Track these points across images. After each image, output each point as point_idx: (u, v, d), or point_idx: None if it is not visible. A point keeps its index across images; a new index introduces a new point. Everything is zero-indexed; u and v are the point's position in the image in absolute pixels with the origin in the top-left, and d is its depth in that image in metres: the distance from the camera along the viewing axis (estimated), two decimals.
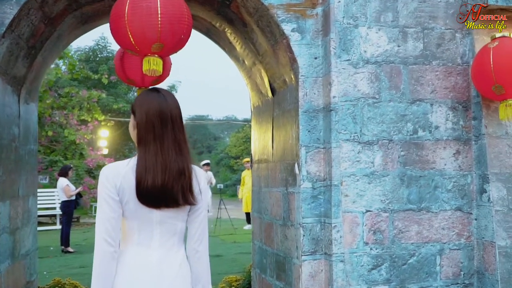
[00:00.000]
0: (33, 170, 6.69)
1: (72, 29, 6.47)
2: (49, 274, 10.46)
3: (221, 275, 9.22)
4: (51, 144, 22.13)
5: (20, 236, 5.94)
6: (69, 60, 23.83)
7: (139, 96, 3.06)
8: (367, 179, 5.13)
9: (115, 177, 2.84)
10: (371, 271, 5.08)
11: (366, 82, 5.18)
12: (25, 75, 5.90)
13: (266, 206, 6.45)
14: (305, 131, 5.24)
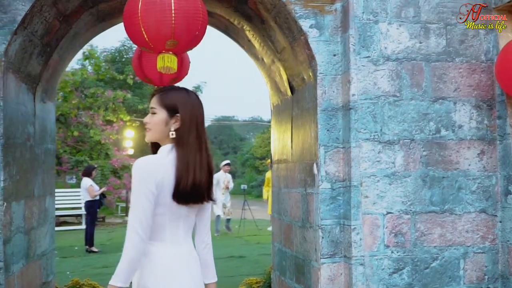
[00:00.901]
0: (50, 169, 6.63)
1: (89, 27, 6.40)
2: (72, 274, 10.45)
3: (243, 276, 9.13)
4: (77, 144, 22.19)
5: (35, 236, 5.88)
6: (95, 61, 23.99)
7: (179, 93, 3.11)
8: (387, 179, 4.97)
9: (156, 172, 2.87)
10: (392, 275, 4.91)
11: (386, 80, 5.02)
12: (40, 73, 5.83)
13: (286, 207, 6.31)
14: (323, 130, 5.10)
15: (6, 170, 4.84)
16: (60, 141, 20.98)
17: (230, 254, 12.90)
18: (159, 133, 3.05)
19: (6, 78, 4.85)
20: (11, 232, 4.98)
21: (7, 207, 4.86)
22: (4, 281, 4.70)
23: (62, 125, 21.61)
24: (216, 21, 6.75)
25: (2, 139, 4.75)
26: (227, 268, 11.16)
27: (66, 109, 21.44)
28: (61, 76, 6.94)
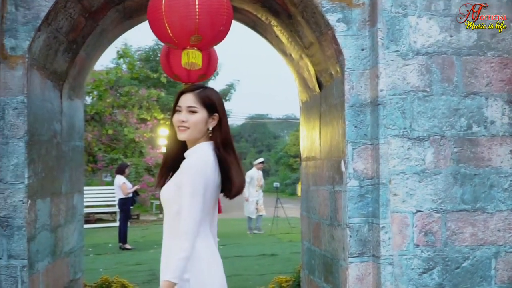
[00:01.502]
0: (78, 167, 6.62)
1: (116, 24, 6.37)
2: (105, 271, 10.51)
3: (274, 274, 9.08)
4: (111, 142, 22.35)
5: (63, 233, 5.87)
6: (129, 60, 24.14)
7: (214, 92, 3.23)
8: (417, 177, 4.83)
9: (209, 171, 3.02)
10: (422, 275, 4.78)
11: (416, 74, 4.87)
12: (67, 71, 5.81)
13: (314, 205, 6.21)
14: (351, 127, 4.98)
15: (31, 167, 4.82)
16: (95, 139, 21.18)
17: (261, 252, 12.86)
18: (198, 132, 3.11)
19: (30, 74, 4.83)
20: (35, 230, 4.96)
21: (32, 204, 4.85)
22: (28, 279, 4.68)
23: (97, 123, 21.82)
24: (244, 17, 6.67)
25: (26, 136, 4.73)
26: (258, 266, 11.12)
27: (100, 108, 21.64)
28: (89, 74, 6.93)
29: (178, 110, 3.15)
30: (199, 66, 4.92)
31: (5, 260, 4.66)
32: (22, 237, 4.68)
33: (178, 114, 3.14)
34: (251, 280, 9.50)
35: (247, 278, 9.84)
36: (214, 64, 6.82)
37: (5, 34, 4.76)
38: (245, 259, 12.00)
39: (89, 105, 21.78)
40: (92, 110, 21.40)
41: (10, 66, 4.75)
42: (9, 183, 4.69)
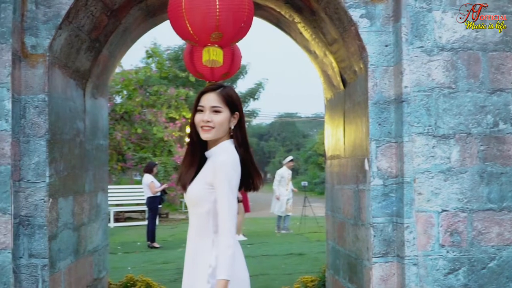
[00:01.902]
0: (103, 165, 6.62)
1: (139, 22, 6.36)
2: (133, 269, 10.58)
3: (302, 274, 9.01)
4: (140, 141, 22.45)
5: (86, 232, 5.86)
6: (158, 59, 24.22)
7: (234, 91, 3.24)
8: (442, 176, 4.71)
9: (239, 169, 3.09)
10: (447, 276, 4.66)
11: (441, 71, 4.75)
12: (90, 69, 5.81)
13: (339, 204, 6.12)
14: (375, 124, 4.88)
15: (52, 166, 4.82)
16: (124, 138, 21.29)
17: (289, 251, 12.78)
18: (222, 132, 3.13)
19: (52, 73, 4.83)
20: (57, 229, 4.96)
21: (53, 203, 4.84)
22: (49, 278, 4.68)
23: (126, 122, 21.93)
24: (267, 14, 6.61)
25: (47, 135, 4.72)
26: (286, 265, 11.05)
27: (130, 107, 21.74)
28: (113, 72, 6.92)
29: (201, 110, 3.14)
30: (220, 63, 4.87)
31: (26, 259, 4.66)
32: (43, 236, 4.68)
33: (201, 114, 3.13)
34: (277, 280, 9.43)
35: (273, 277, 9.78)
36: (238, 62, 6.76)
37: (25, 33, 4.76)
38: (272, 258, 11.94)
39: (118, 105, 21.90)
40: (122, 109, 21.51)
41: (31, 65, 4.75)
42: (30, 182, 4.69)
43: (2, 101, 4.48)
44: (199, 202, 3.07)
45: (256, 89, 30.40)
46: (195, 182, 3.12)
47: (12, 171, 4.50)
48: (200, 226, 3.08)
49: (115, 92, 22.50)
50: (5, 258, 4.44)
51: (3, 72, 4.48)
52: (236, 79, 30.47)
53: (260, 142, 54.47)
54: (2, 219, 4.45)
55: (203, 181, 3.08)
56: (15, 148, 4.57)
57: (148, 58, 24.60)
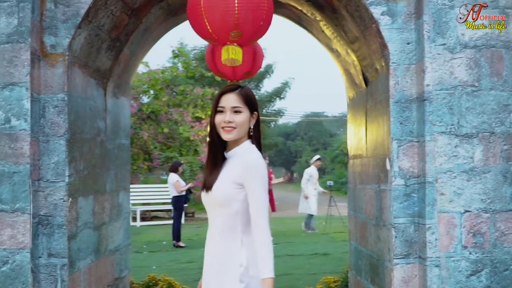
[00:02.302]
0: (124, 165, 6.61)
1: (160, 22, 6.34)
2: (158, 269, 10.60)
3: (326, 274, 8.95)
4: (167, 140, 22.51)
5: (107, 231, 5.86)
6: (184, 59, 24.28)
7: (251, 91, 3.24)
8: (465, 176, 4.61)
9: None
10: (469, 277, 4.56)
11: (464, 69, 4.65)
12: (111, 68, 5.81)
13: (361, 204, 6.05)
14: (396, 123, 4.80)
15: (72, 166, 4.82)
16: (150, 138, 21.36)
17: (314, 251, 12.72)
18: (243, 132, 3.14)
19: (71, 72, 4.83)
20: (77, 228, 4.96)
21: (73, 202, 4.85)
22: (68, 278, 4.68)
23: (152, 122, 22.02)
24: (289, 12, 6.55)
25: (67, 134, 4.73)
26: (310, 265, 11.00)
27: (156, 107, 21.82)
28: (134, 72, 6.92)
29: (221, 111, 3.13)
30: (239, 62, 4.83)
31: (45, 258, 4.67)
32: (62, 236, 4.68)
33: (221, 114, 3.12)
34: (301, 280, 9.39)
35: (297, 277, 9.73)
36: (259, 61, 6.72)
37: (44, 32, 4.77)
38: (297, 258, 11.89)
39: (145, 104, 22.00)
40: (148, 109, 21.60)
41: (50, 64, 4.76)
42: (49, 181, 4.70)
43: (21, 100, 4.49)
44: (227, 202, 3.06)
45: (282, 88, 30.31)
46: (221, 183, 3.10)
47: (31, 171, 4.51)
48: (227, 226, 3.07)
49: (142, 91, 22.61)
50: (23, 257, 4.46)
51: (21, 71, 4.50)
52: (262, 78, 30.43)
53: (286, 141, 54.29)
54: (21, 218, 4.46)
55: (229, 180, 3.07)
56: (34, 148, 4.58)
57: (174, 58, 24.67)
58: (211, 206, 3.15)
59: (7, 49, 4.53)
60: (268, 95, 30.71)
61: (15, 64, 4.52)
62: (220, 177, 3.11)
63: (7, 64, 4.52)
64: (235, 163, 3.09)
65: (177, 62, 25.23)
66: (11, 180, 4.48)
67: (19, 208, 4.46)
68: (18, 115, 4.49)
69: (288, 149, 54.76)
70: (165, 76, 23.03)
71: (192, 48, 26.77)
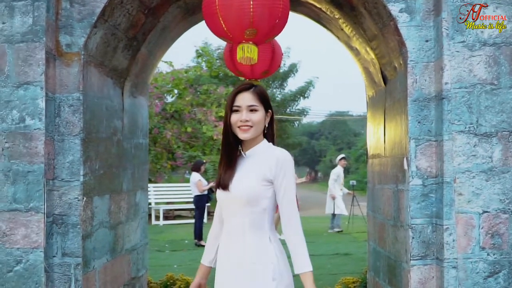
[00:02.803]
0: (142, 164, 6.60)
1: (178, 21, 6.32)
2: (179, 268, 10.59)
3: (346, 274, 8.87)
4: (190, 140, 22.54)
5: (124, 230, 5.85)
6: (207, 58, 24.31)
7: (266, 91, 3.23)
8: (484, 175, 4.52)
9: None
10: (487, 279, 4.47)
11: (483, 66, 4.55)
12: (128, 68, 5.79)
13: (379, 205, 5.98)
14: (414, 122, 4.72)
15: (87, 165, 4.81)
16: (174, 137, 21.41)
17: (335, 251, 12.63)
18: (260, 130, 3.15)
19: (87, 71, 4.82)
20: (92, 227, 4.95)
21: (88, 202, 4.84)
22: (82, 277, 4.67)
23: (176, 121, 22.07)
24: (308, 10, 6.49)
25: (82, 133, 4.72)
26: (331, 265, 10.92)
27: (180, 106, 21.87)
28: (153, 71, 6.90)
29: (237, 110, 3.13)
30: (255, 60, 4.78)
31: (59, 258, 4.66)
32: (77, 235, 4.68)
33: (237, 114, 3.13)
34: (321, 280, 9.29)
35: (318, 277, 9.56)
36: (278, 60, 6.68)
37: (60, 31, 4.76)
38: (318, 258, 11.78)
39: (168, 104, 22.06)
40: (172, 108, 21.64)
41: (66, 63, 4.75)
42: (64, 181, 4.70)
43: (36, 99, 4.50)
44: (256, 200, 3.06)
45: (306, 87, 30.17)
46: (247, 181, 3.09)
47: (46, 170, 4.51)
48: (256, 224, 3.08)
49: (166, 91, 22.68)
50: (37, 257, 4.46)
51: (36, 70, 4.51)
52: (286, 77, 30.31)
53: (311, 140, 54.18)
54: (35, 217, 4.47)
55: (257, 178, 3.07)
56: (49, 147, 4.58)
57: (197, 57, 24.71)
58: (234, 204, 3.13)
59: (22, 48, 4.53)
60: (292, 94, 30.58)
61: (30, 63, 4.52)
62: (244, 176, 3.11)
63: (22, 63, 4.52)
64: (261, 161, 3.10)
65: (201, 62, 25.28)
66: (25, 180, 4.49)
67: (33, 208, 4.46)
68: (32, 114, 4.50)
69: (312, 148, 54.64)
70: (189, 75, 23.07)
71: (216, 47, 26.76)
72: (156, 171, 21.57)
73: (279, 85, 30.90)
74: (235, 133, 3.14)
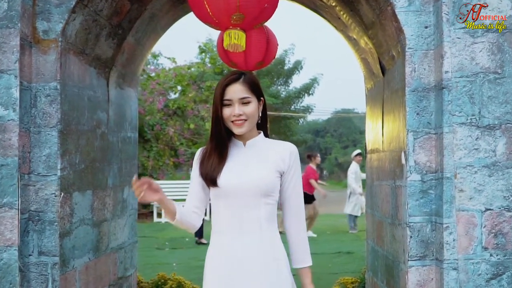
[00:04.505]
0: (130, 159, 6.32)
1: (167, 9, 6.04)
2: (178, 266, 10.43)
3: (348, 274, 8.66)
4: (193, 136, 22.37)
5: (109, 228, 5.58)
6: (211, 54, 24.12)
7: (255, 77, 3.09)
8: (487, 171, 4.22)
9: None
10: (489, 281, 4.16)
11: (486, 54, 4.25)
12: (113, 57, 5.52)
13: (377, 202, 5.70)
14: (413, 114, 4.43)
15: (65, 159, 4.54)
16: (176, 134, 21.24)
17: (338, 249, 12.39)
18: (255, 121, 3.02)
19: (65, 59, 4.56)
20: (71, 225, 4.68)
21: (67, 197, 4.57)
22: (60, 277, 4.40)
23: (179, 118, 21.90)
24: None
25: (59, 125, 4.45)
26: (332, 264, 10.68)
27: (183, 103, 21.69)
28: (142, 62, 6.62)
29: (228, 104, 2.94)
30: (242, 48, 4.51)
31: (36, 256, 4.39)
32: (54, 233, 4.40)
33: (229, 108, 2.95)
34: (322, 279, 9.06)
35: (319, 276, 9.37)
36: (273, 50, 6.39)
37: (37, 17, 4.49)
38: (320, 256, 11.53)
39: (171, 100, 21.87)
40: (174, 105, 21.44)
41: (43, 51, 4.48)
42: (40, 175, 4.43)
43: (10, 89, 4.22)
44: (271, 191, 2.97)
45: (310, 84, 29.93)
46: (264, 171, 2.97)
47: (20, 163, 4.24)
48: (268, 217, 2.99)
49: (169, 88, 22.48)
50: (11, 255, 4.18)
51: (10, 58, 4.24)
52: (291, 74, 30.09)
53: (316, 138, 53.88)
54: (8, 214, 4.19)
55: (271, 169, 2.98)
56: (24, 139, 4.31)
57: (200, 53, 24.51)
58: (248, 196, 2.97)
59: None
60: (296, 91, 30.34)
61: (3, 50, 4.24)
62: (254, 167, 2.98)
63: None
64: (269, 152, 3.02)
65: (204, 58, 25.08)
66: None
67: (6, 203, 4.18)
68: (6, 104, 4.22)
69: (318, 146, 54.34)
70: (192, 72, 22.87)
71: None
72: (159, 168, 21.42)
73: (284, 82, 30.71)
74: (229, 128, 2.98)
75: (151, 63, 25.38)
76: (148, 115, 20.13)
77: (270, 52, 6.28)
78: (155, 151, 20.45)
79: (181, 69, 22.77)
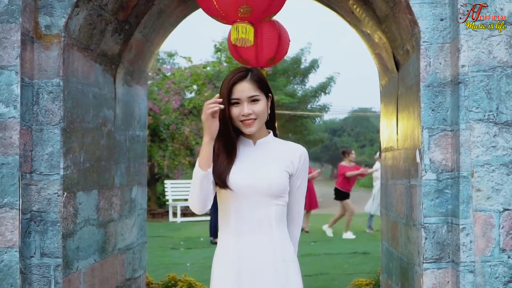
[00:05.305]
0: (139, 158, 6.19)
1: (176, 5, 5.91)
2: (192, 266, 10.33)
3: (363, 274, 8.53)
4: None
5: (116, 229, 5.45)
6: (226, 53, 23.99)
7: (261, 73, 3.02)
8: (505, 169, 4.03)
9: None
10: (507, 285, 3.96)
11: (504, 47, 4.06)
12: (120, 54, 5.39)
13: (392, 202, 5.52)
14: (428, 110, 4.25)
15: (69, 157, 4.41)
16: (192, 133, 21.16)
17: (353, 250, 12.20)
18: (264, 120, 2.97)
19: (69, 55, 4.42)
20: (75, 225, 4.55)
21: (70, 197, 4.44)
22: (63, 280, 4.27)
23: (194, 117, 21.80)
24: None
25: (62, 123, 4.32)
26: (348, 265, 10.51)
27: (198, 102, 21.57)
28: (151, 59, 6.48)
29: (236, 103, 2.85)
30: (250, 42, 4.37)
31: (38, 258, 4.26)
32: (57, 233, 4.27)
33: (237, 107, 2.88)
34: (337, 279, 8.94)
35: (333, 277, 9.28)
36: (285, 46, 6.22)
37: (40, 11, 4.36)
38: (335, 257, 11.41)
39: (187, 99, 21.78)
40: (190, 104, 21.35)
41: (45, 46, 4.35)
42: (43, 174, 4.30)
43: (10, 85, 4.09)
44: (283, 191, 2.92)
45: (327, 83, 29.64)
46: (275, 171, 2.90)
47: (21, 162, 4.11)
48: (279, 217, 2.92)
49: (184, 87, 22.39)
50: (11, 257, 4.05)
51: (11, 54, 4.10)
52: (307, 73, 29.84)
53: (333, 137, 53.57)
54: (9, 214, 4.06)
55: (282, 169, 2.92)
56: (25, 137, 4.19)
57: (215, 52, 24.38)
58: (257, 196, 2.89)
59: None
60: (313, 90, 30.08)
61: (4, 46, 4.11)
62: (265, 166, 2.92)
63: None
64: (279, 152, 2.97)
65: (220, 57, 24.95)
66: None
67: (7, 203, 4.06)
68: (7, 101, 4.09)
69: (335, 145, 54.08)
70: (207, 71, 22.75)
71: None
72: (174, 168, 21.36)
73: (300, 81, 30.46)
74: (238, 127, 2.92)
75: (167, 63, 25.30)
76: (163, 114, 20.06)
77: (281, 49, 6.12)
78: (171, 150, 20.39)
79: (196, 68, 22.66)
